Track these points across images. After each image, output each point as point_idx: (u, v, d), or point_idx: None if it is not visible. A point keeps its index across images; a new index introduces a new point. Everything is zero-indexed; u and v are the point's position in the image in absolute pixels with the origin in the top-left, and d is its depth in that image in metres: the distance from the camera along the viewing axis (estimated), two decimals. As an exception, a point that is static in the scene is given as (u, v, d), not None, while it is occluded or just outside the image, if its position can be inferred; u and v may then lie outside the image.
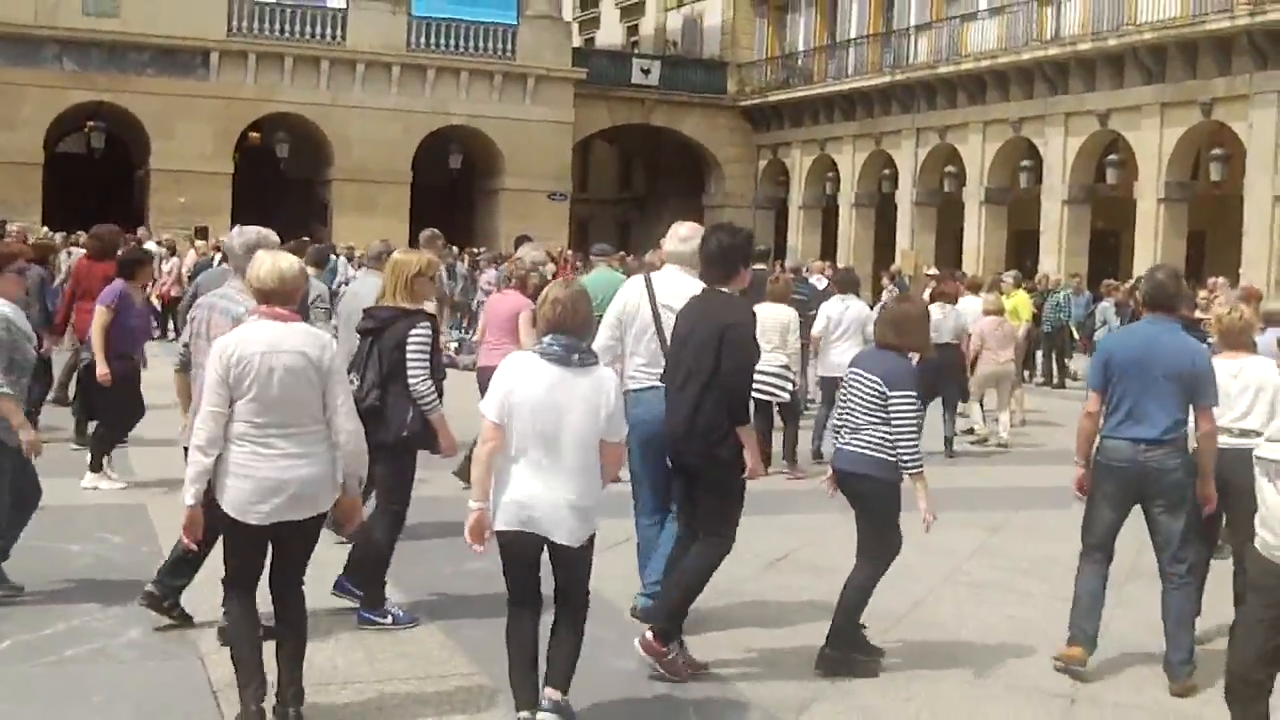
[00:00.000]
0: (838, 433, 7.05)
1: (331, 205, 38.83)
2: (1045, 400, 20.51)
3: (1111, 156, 32.22)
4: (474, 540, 5.50)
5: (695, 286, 7.04)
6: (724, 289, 6.90)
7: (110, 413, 10.90)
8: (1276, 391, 7.46)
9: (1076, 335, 24.00)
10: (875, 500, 6.80)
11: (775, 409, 12.99)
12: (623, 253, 14.86)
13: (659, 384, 7.06)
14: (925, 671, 6.91)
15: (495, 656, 5.88)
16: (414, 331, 7.24)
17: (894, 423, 6.70)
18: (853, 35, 40.78)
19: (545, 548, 5.59)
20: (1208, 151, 30.39)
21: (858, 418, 6.83)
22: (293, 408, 5.43)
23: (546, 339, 5.61)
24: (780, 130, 44.08)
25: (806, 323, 13.88)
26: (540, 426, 5.49)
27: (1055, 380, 23.03)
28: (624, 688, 6.50)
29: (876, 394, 6.75)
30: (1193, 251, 31.03)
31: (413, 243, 21.93)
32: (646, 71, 44.50)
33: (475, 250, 32.14)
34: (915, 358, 7.16)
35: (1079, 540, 10.05)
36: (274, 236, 7.18)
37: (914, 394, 6.75)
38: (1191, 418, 6.91)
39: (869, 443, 6.76)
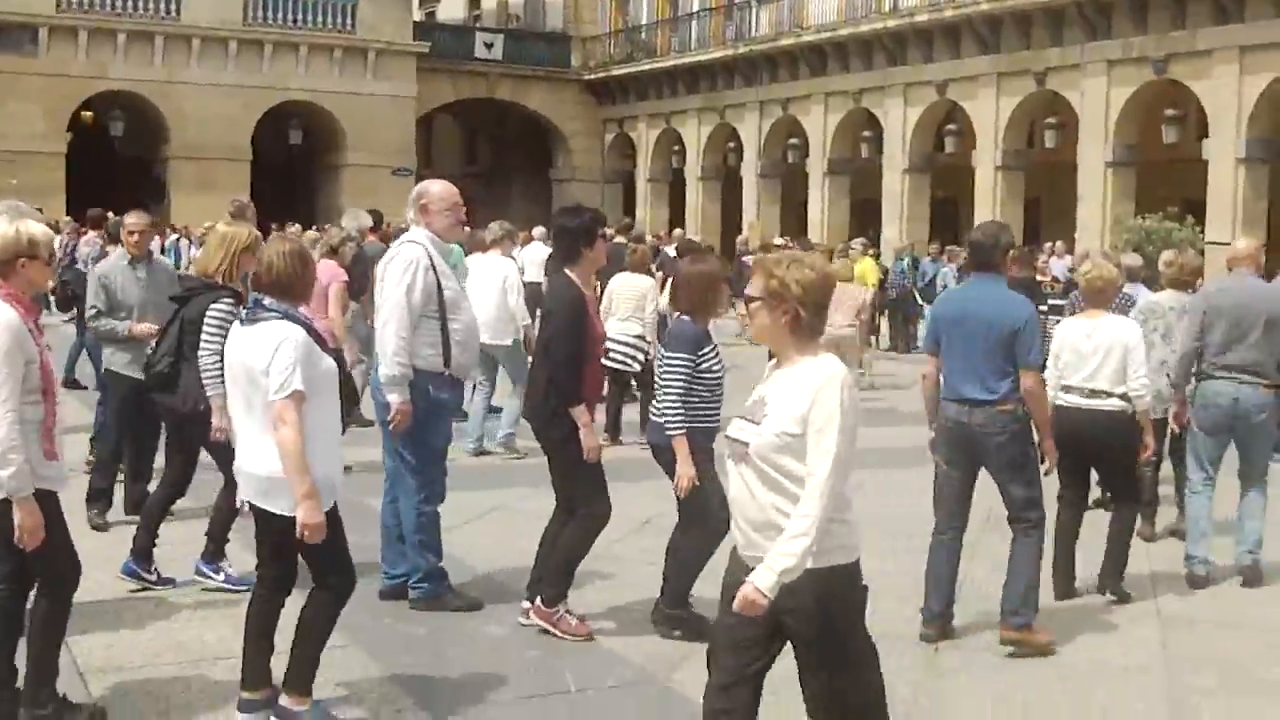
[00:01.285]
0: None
1: (169, 184, 37.89)
2: (895, 365, 20.90)
3: (950, 126, 32.93)
4: None
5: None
6: (568, 270, 6.96)
7: None
8: (1127, 351, 7.63)
9: (920, 300, 24.40)
10: (667, 465, 6.75)
11: (630, 379, 13.08)
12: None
13: None
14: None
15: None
16: (214, 306, 7.09)
17: (663, 382, 6.70)
18: (695, 8, 40.97)
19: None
20: (1042, 120, 31.18)
21: (657, 383, 6.92)
22: None
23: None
24: (626, 104, 44.16)
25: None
26: (232, 388, 5.50)
27: (902, 346, 23.45)
28: (496, 654, 6.51)
29: (660, 358, 6.84)
30: (1030, 217, 31.85)
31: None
32: (489, 45, 44.19)
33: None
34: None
35: (914, 497, 10.32)
36: (23, 206, 6.85)
37: (684, 355, 6.62)
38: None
39: (655, 410, 6.88)
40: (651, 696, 6.05)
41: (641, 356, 12.79)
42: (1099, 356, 7.67)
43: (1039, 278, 19.01)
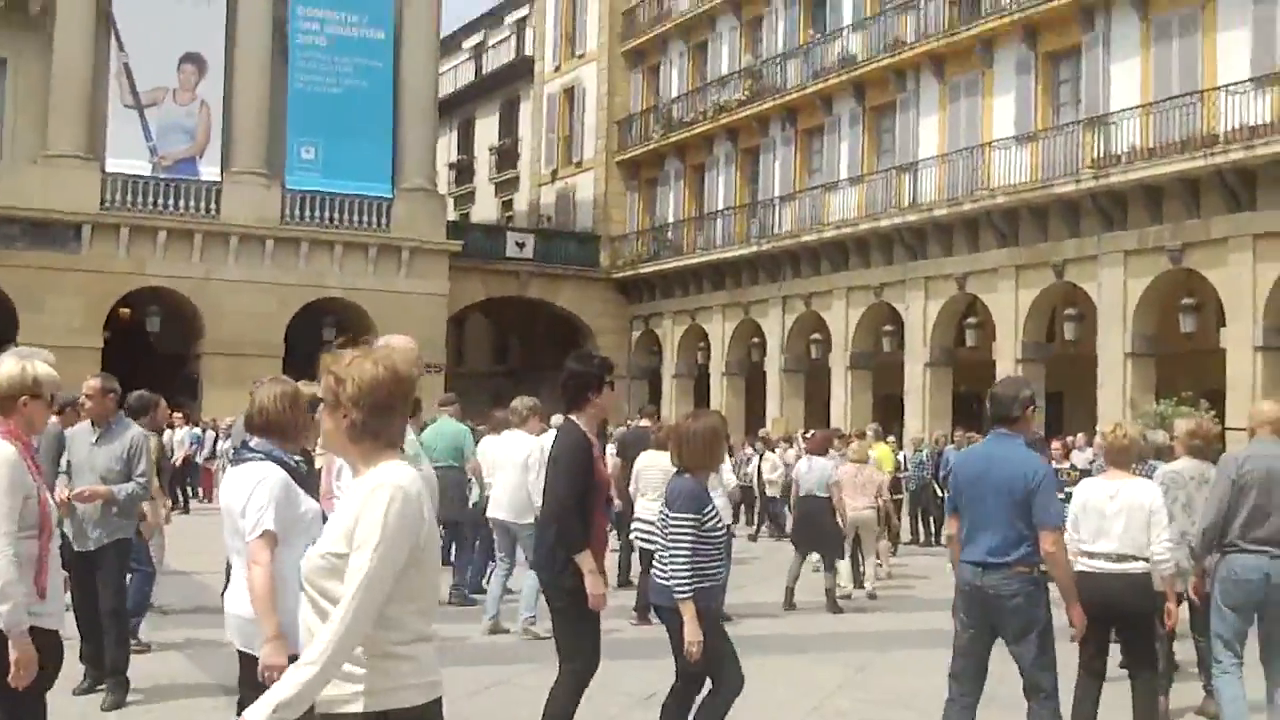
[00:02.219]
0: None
1: (201, 379, 38.51)
2: (914, 559, 20.87)
3: (970, 319, 33.28)
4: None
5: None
6: (574, 416, 7.10)
7: None
8: (1150, 514, 7.44)
9: (940, 491, 24.37)
10: (675, 629, 6.64)
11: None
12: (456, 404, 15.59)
13: None
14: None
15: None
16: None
17: (668, 542, 6.64)
18: (720, 206, 41.90)
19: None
20: (1062, 311, 31.50)
21: (661, 545, 6.85)
22: None
23: None
24: (652, 301, 44.90)
25: None
26: (225, 536, 5.59)
27: (923, 539, 23.30)
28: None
29: (663, 517, 6.79)
30: (1052, 410, 31.92)
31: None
32: (521, 245, 45.18)
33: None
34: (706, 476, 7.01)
35: (943, 674, 10.28)
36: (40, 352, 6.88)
37: (689, 515, 6.57)
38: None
39: (661, 571, 6.75)
40: None
41: None
42: (1123, 519, 7.43)
43: (1059, 465, 19.09)
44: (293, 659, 5.04)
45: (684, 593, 6.47)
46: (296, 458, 5.64)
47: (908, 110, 34.70)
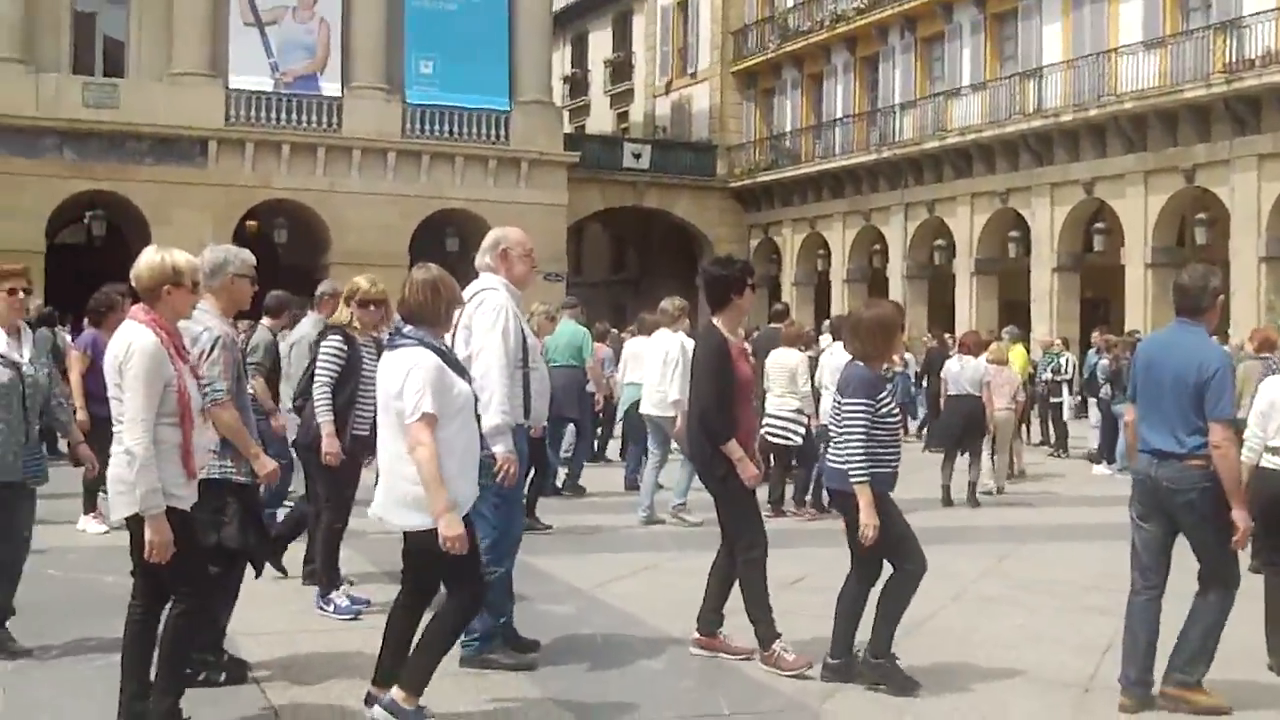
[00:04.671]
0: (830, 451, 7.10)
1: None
2: (1041, 458, 20.74)
3: (1098, 224, 32.74)
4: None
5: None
6: (715, 318, 7.23)
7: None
8: None
9: (1069, 394, 23.82)
10: (850, 514, 6.65)
11: (792, 455, 13.35)
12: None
13: None
14: (941, 669, 7.12)
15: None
16: (323, 343, 8.25)
17: (842, 428, 6.65)
18: (839, 115, 41.48)
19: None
20: (1192, 217, 30.88)
21: (834, 431, 6.90)
22: None
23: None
24: (770, 209, 44.66)
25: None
26: (380, 418, 5.79)
27: (1054, 442, 22.74)
28: (653, 683, 6.72)
29: (836, 405, 6.81)
30: (1182, 316, 31.34)
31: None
32: (637, 155, 45.11)
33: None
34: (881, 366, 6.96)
35: (1083, 565, 10.32)
36: (245, 254, 6.83)
37: (865, 401, 6.56)
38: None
39: (837, 456, 6.74)
40: (803, 721, 6.20)
41: (800, 430, 13.07)
42: None
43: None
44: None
45: (861, 477, 6.50)
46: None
47: (1031, 17, 34.11)
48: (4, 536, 6.87)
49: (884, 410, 6.63)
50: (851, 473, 6.52)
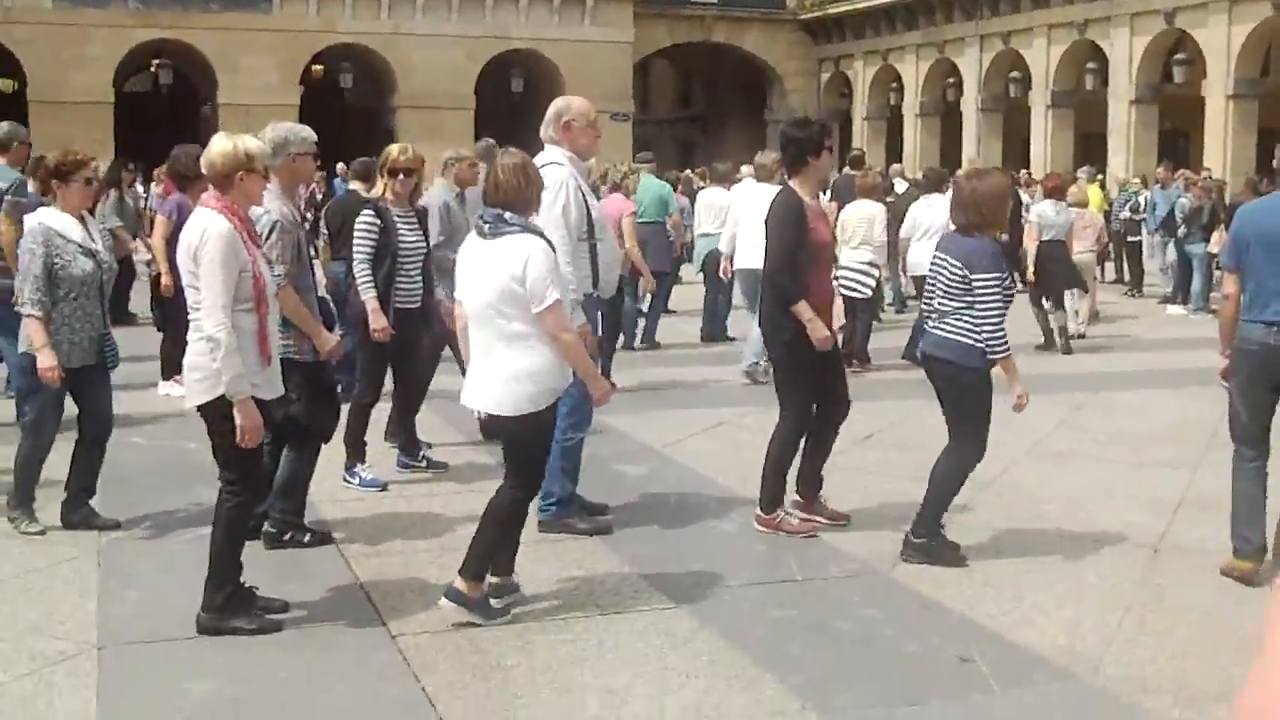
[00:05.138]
0: (927, 319, 6.87)
1: (396, 133, 39.06)
2: (1122, 300, 20.45)
3: (1179, 55, 31.88)
4: None
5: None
6: (793, 180, 7.14)
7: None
8: None
9: (1147, 233, 23.19)
10: (960, 388, 6.56)
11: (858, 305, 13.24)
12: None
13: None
14: (1015, 528, 7.17)
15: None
16: (357, 220, 8.03)
17: (978, 306, 6.44)
18: (913, -56, 40.43)
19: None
20: (1278, 47, 29.96)
21: (944, 304, 6.62)
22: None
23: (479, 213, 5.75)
24: (842, 42, 43.82)
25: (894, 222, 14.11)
26: (468, 299, 5.65)
27: (1128, 281, 22.34)
28: (728, 548, 6.83)
29: (959, 279, 6.52)
30: (1263, 149, 30.69)
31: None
32: (704, -12, 44.31)
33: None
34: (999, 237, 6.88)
35: (1156, 415, 10.28)
36: (306, 131, 6.80)
37: (998, 275, 6.43)
38: None
39: (955, 328, 6.53)
40: (875, 584, 6.28)
41: (871, 281, 12.99)
42: None
43: None
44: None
45: (1004, 350, 6.42)
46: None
47: None
48: (90, 414, 7.05)
49: (1009, 285, 6.55)
50: (995, 346, 6.39)
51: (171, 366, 10.93)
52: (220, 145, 5.54)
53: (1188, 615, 5.88)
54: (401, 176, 8.14)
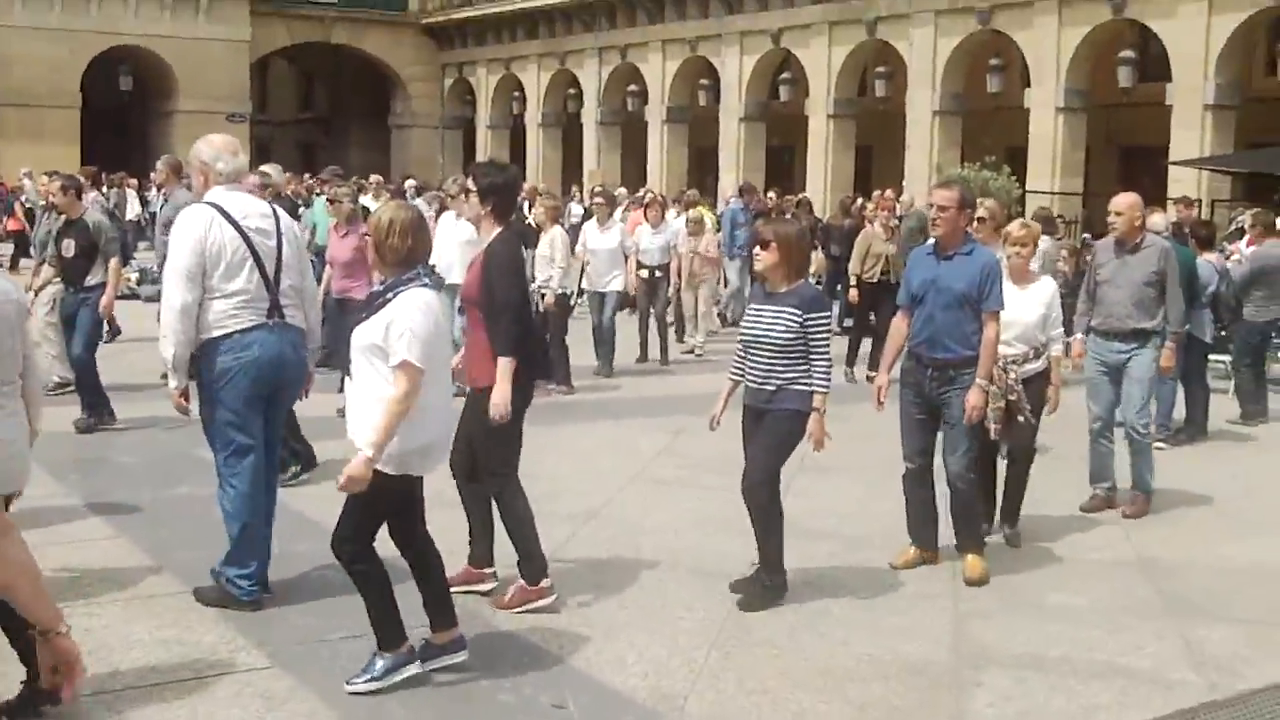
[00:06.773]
0: None
1: (-5, 131, 36.85)
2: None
3: (785, 75, 33.47)
4: None
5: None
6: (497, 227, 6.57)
7: None
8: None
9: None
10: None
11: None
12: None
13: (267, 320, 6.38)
14: (616, 559, 7.38)
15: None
16: None
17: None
18: (535, -47, 40.88)
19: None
20: (873, 69, 31.87)
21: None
22: None
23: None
24: (465, 49, 43.95)
25: None
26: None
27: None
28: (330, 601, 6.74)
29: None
30: (860, 165, 32.59)
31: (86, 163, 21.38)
32: (326, -12, 43.59)
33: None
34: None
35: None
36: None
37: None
38: None
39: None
40: (476, 634, 6.32)
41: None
42: None
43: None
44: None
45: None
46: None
47: None
48: None
49: None
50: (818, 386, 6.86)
51: None
52: None
53: (768, 649, 6.18)
54: None
